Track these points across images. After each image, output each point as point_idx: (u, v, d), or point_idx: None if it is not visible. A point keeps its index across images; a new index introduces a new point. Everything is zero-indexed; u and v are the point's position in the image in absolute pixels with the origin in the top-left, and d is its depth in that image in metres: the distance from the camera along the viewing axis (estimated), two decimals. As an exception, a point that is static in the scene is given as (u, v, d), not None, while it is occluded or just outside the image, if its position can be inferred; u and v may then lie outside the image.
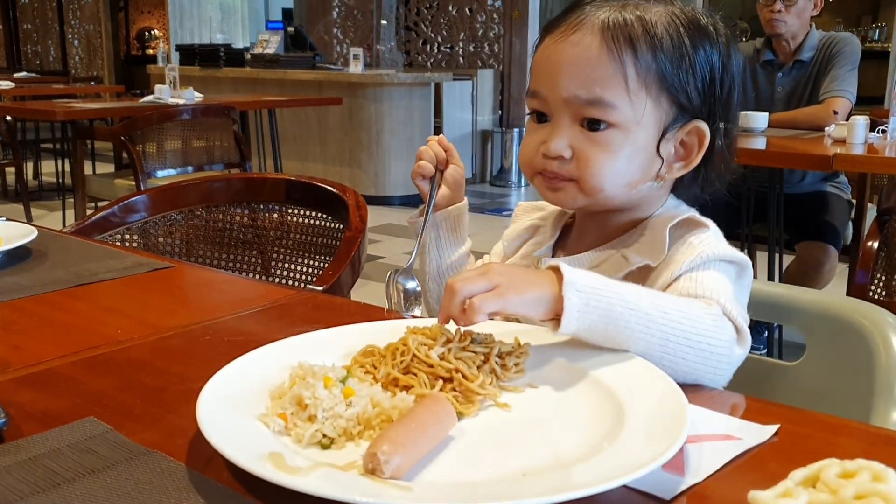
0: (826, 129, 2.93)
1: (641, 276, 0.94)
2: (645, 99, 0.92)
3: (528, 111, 1.00)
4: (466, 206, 1.19)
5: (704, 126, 0.96)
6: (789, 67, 3.31)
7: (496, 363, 0.78)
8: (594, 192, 0.95)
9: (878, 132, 2.74)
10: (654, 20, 0.92)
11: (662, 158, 0.95)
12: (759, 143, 2.82)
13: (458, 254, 1.19)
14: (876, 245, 2.25)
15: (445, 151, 1.14)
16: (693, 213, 0.98)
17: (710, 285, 0.86)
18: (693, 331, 0.79)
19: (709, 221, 0.95)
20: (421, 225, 1.12)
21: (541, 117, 0.97)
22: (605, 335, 0.78)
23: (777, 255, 3.04)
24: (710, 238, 0.92)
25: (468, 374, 0.75)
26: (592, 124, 0.92)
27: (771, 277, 3.01)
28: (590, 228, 1.04)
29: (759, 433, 0.68)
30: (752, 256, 3.34)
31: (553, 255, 1.06)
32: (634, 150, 0.93)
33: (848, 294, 2.52)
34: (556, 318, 0.77)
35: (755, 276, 0.96)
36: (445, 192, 1.15)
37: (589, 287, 0.77)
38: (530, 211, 1.15)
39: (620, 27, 0.91)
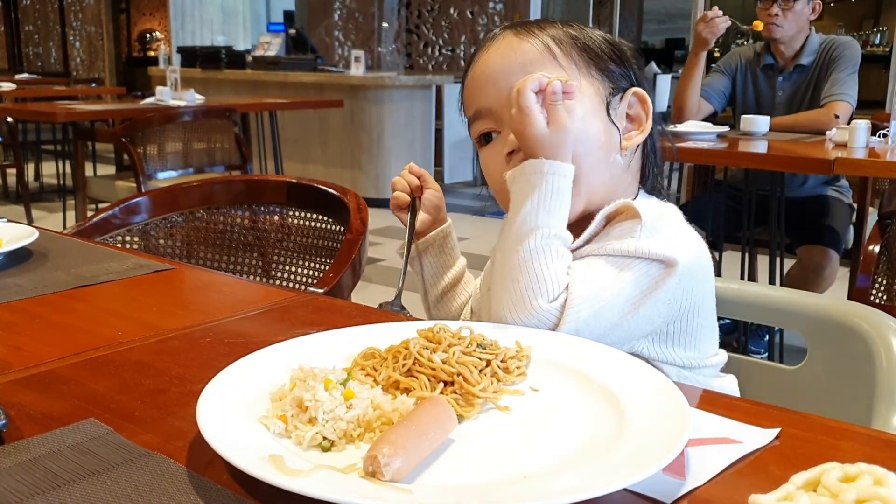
0: (827, 132, 2.94)
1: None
2: (576, 71, 0.97)
3: (476, 140, 1.03)
4: (451, 226, 1.18)
5: (642, 91, 1.00)
6: (790, 72, 3.31)
7: (498, 366, 0.78)
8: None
9: (879, 136, 2.74)
10: (548, 24, 1.02)
11: (618, 128, 0.98)
12: (761, 147, 2.82)
13: (452, 275, 1.18)
14: (877, 249, 2.25)
15: (418, 178, 1.15)
16: (630, 202, 0.94)
17: (586, 273, 0.88)
18: (525, 285, 0.87)
19: (649, 211, 0.93)
20: (405, 256, 1.12)
21: (487, 137, 1.00)
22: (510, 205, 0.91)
23: (778, 259, 3.04)
24: (639, 232, 0.91)
25: (470, 378, 0.75)
26: None
27: (772, 281, 3.01)
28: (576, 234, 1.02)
29: (761, 437, 0.68)
30: (754, 260, 3.34)
31: None
32: (586, 112, 0.96)
33: (849, 298, 2.52)
34: None
35: (756, 280, 0.96)
36: (425, 217, 1.15)
37: (534, 173, 0.90)
38: None
39: (526, 27, 1.00)
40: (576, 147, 0.93)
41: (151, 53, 11.54)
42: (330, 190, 1.71)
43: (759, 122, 3.11)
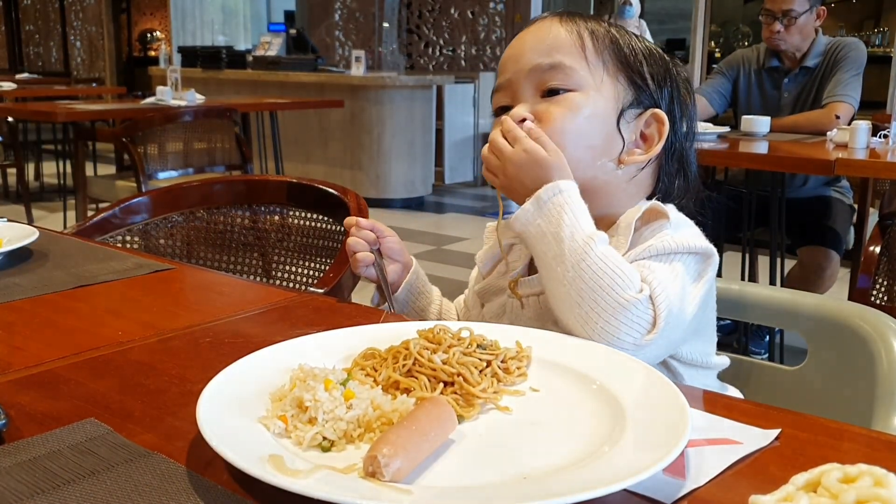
0: (828, 133, 2.94)
1: None
2: (602, 71, 0.97)
3: (494, 112, 1.03)
4: (415, 263, 1.13)
5: (663, 114, 0.99)
6: (795, 73, 3.31)
7: (498, 366, 0.78)
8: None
9: (879, 137, 2.74)
10: (599, 23, 1.01)
11: (623, 139, 0.98)
12: (762, 148, 2.82)
13: (435, 311, 1.15)
14: (878, 250, 2.25)
15: (371, 230, 1.08)
16: (654, 203, 0.97)
17: (655, 271, 0.88)
18: (609, 286, 0.84)
19: (670, 209, 0.97)
20: (389, 311, 1.06)
21: (503, 110, 1.01)
22: (540, 242, 0.88)
23: (779, 260, 3.04)
24: (668, 229, 0.94)
25: (470, 379, 0.75)
26: (552, 93, 0.96)
27: (773, 282, 3.00)
28: None
29: (761, 437, 0.68)
30: (754, 261, 3.34)
31: (529, 274, 1.04)
32: (593, 112, 0.96)
33: (850, 299, 2.51)
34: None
35: (757, 280, 0.97)
36: (395, 266, 1.10)
37: (552, 200, 0.88)
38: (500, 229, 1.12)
39: (577, 17, 1.01)
40: (565, 137, 0.94)
41: (152, 53, 11.54)
42: (330, 190, 1.71)
43: (759, 123, 3.11)
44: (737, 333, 3.14)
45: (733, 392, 1.02)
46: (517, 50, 1.00)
